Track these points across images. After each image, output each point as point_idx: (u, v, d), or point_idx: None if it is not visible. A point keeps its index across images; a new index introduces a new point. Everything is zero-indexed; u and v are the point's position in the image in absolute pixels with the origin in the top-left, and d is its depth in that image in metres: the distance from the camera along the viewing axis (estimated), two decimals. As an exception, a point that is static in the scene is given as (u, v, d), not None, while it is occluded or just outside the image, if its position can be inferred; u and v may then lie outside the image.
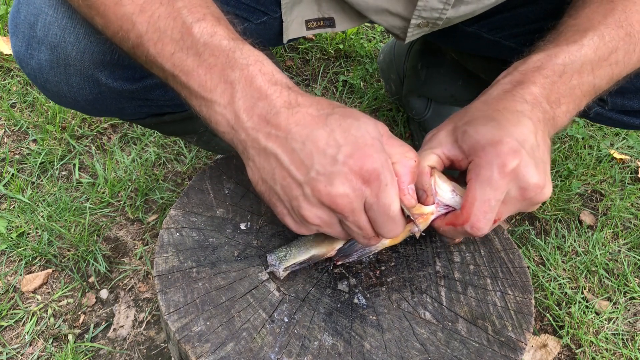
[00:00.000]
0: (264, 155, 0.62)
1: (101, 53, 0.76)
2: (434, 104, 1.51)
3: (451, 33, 1.05)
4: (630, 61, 0.76)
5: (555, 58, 0.73)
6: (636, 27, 0.76)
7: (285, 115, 0.61)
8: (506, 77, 0.75)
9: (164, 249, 0.75)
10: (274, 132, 0.61)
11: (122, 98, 0.85)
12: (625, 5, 0.76)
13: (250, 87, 0.62)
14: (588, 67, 0.73)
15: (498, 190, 0.65)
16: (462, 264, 0.78)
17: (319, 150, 0.60)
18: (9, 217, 1.34)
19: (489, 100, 0.72)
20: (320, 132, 0.60)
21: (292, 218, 0.65)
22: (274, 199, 0.65)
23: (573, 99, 0.73)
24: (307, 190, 0.61)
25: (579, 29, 0.75)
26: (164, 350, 1.17)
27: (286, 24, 0.91)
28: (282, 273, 0.73)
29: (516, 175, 0.65)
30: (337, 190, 0.60)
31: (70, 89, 0.81)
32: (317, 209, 0.62)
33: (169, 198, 1.40)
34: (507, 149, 0.65)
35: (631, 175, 1.59)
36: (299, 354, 0.67)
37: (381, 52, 1.66)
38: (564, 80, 0.72)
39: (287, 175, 0.61)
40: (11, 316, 1.20)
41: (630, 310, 1.32)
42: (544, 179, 0.66)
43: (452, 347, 0.69)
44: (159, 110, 0.95)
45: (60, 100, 0.85)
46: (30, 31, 0.76)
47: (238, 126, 0.63)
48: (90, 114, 0.95)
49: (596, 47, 0.73)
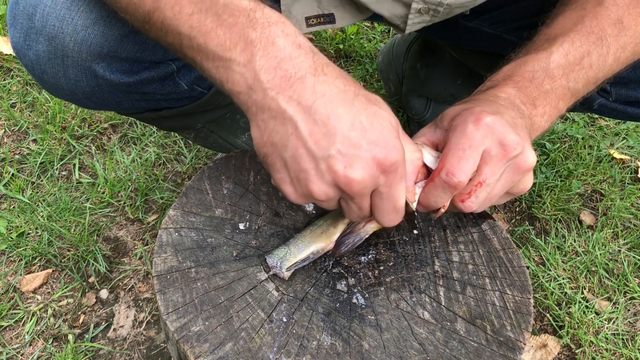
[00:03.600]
0: (281, 119, 0.60)
1: (99, 45, 0.76)
2: (434, 104, 1.51)
3: (452, 29, 1.05)
4: (605, 63, 0.78)
5: (524, 65, 0.75)
6: (608, 30, 0.78)
7: (311, 82, 0.59)
8: (480, 88, 0.78)
9: (162, 249, 0.75)
10: (296, 97, 0.59)
11: (119, 91, 0.85)
12: (596, 12, 0.78)
13: (273, 46, 0.60)
14: (559, 72, 0.75)
15: (473, 140, 0.66)
16: (461, 264, 0.78)
17: (343, 130, 0.58)
18: (9, 217, 1.34)
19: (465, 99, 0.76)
20: (347, 112, 0.59)
21: (294, 188, 0.63)
22: (278, 165, 0.63)
23: (548, 101, 0.75)
24: (323, 166, 0.59)
25: (549, 37, 0.78)
26: (164, 350, 1.17)
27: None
28: (285, 274, 0.73)
29: (491, 130, 0.66)
30: (356, 173, 0.59)
31: (67, 81, 0.81)
32: (327, 186, 0.61)
33: (169, 198, 1.40)
34: (480, 110, 0.67)
35: (631, 175, 1.59)
36: (297, 353, 0.67)
37: (380, 54, 1.66)
38: (536, 85, 0.74)
39: (303, 146, 0.59)
40: (11, 316, 1.20)
41: (630, 310, 1.32)
42: (523, 139, 0.67)
43: (451, 346, 0.69)
44: (156, 105, 0.95)
45: (57, 93, 0.86)
46: (29, 22, 0.77)
47: (256, 86, 0.60)
48: (88, 107, 0.95)
49: (566, 52, 0.76)
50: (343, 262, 0.77)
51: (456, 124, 0.68)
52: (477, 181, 0.67)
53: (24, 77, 1.68)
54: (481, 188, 0.68)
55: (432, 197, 0.69)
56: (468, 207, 0.69)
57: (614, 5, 0.79)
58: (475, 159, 0.66)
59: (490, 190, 0.68)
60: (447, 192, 0.68)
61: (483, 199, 0.69)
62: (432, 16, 0.89)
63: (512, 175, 0.69)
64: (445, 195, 0.69)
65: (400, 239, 0.80)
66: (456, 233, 0.81)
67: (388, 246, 0.79)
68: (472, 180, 0.68)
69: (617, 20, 0.78)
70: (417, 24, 0.91)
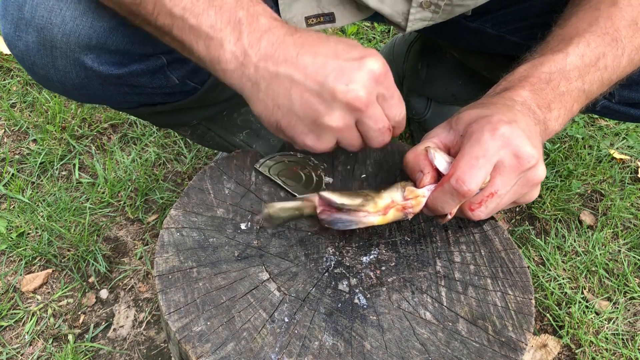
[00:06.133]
0: (277, 80, 0.65)
1: (87, 37, 0.77)
2: (434, 104, 1.51)
3: (454, 29, 1.05)
4: (619, 65, 0.78)
5: (541, 67, 0.75)
6: (622, 32, 0.78)
7: (290, 40, 0.65)
8: (495, 88, 0.77)
9: (164, 249, 0.75)
10: (282, 58, 0.64)
11: (109, 84, 0.85)
12: (610, 12, 0.78)
13: (256, 23, 0.66)
14: (575, 74, 0.75)
15: (488, 150, 0.66)
16: (463, 264, 0.78)
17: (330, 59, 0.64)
18: (9, 217, 1.34)
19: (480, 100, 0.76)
20: (328, 46, 0.65)
21: (314, 134, 0.67)
22: (293, 121, 0.67)
23: (563, 104, 0.75)
24: (327, 95, 0.64)
25: (564, 38, 0.78)
26: (164, 350, 1.17)
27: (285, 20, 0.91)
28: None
29: (507, 141, 0.66)
30: (358, 84, 0.64)
31: (57, 72, 0.82)
32: (339, 111, 0.65)
33: (169, 198, 1.40)
34: (498, 119, 0.67)
35: (631, 175, 1.59)
36: (299, 354, 0.67)
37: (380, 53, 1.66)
38: (552, 87, 0.74)
39: (304, 90, 0.64)
40: (11, 316, 1.20)
41: (630, 310, 1.32)
42: (538, 152, 0.67)
43: (453, 347, 0.69)
44: (149, 100, 0.95)
45: (48, 84, 0.86)
46: (19, 13, 0.77)
47: (247, 61, 0.65)
48: (80, 100, 0.96)
49: (582, 53, 0.76)
50: (345, 262, 0.77)
51: (472, 130, 0.68)
52: (489, 192, 0.68)
53: (24, 77, 1.67)
54: (492, 199, 0.68)
55: (440, 202, 0.69)
56: (477, 216, 0.69)
57: (628, 6, 0.78)
58: (488, 168, 0.66)
59: (500, 201, 0.69)
60: (455, 199, 0.68)
61: (492, 209, 0.69)
62: (434, 12, 0.89)
63: (522, 188, 0.69)
64: (453, 202, 0.69)
65: (402, 239, 0.80)
66: (458, 233, 0.81)
67: (390, 246, 0.79)
68: (483, 190, 0.68)
69: (632, 21, 0.78)
70: (418, 20, 0.91)
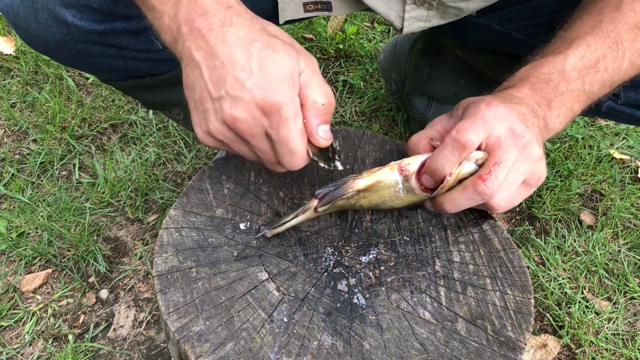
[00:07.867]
0: (192, 65, 0.67)
1: None
2: (436, 104, 1.51)
3: (460, 25, 1.05)
4: (620, 67, 0.79)
5: (541, 68, 0.77)
6: (624, 35, 0.79)
7: (216, 32, 0.66)
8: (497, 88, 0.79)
9: (163, 249, 0.75)
10: (203, 46, 0.66)
11: (91, 42, 0.86)
12: (613, 16, 0.80)
13: (196, 3, 0.67)
14: (574, 74, 0.77)
15: (485, 117, 0.69)
16: (462, 264, 0.78)
17: (233, 72, 0.64)
18: (9, 217, 1.34)
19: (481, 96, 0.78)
20: (240, 57, 0.64)
21: (201, 127, 0.69)
22: (192, 107, 0.70)
23: (564, 103, 0.76)
24: (217, 105, 0.65)
25: (565, 40, 0.80)
26: (164, 350, 1.17)
27: (282, 4, 0.93)
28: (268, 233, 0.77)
29: (502, 115, 0.69)
30: (238, 114, 0.64)
31: (38, 26, 0.83)
32: (222, 126, 0.66)
33: (169, 198, 1.40)
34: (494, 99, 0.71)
35: (631, 175, 1.59)
36: (298, 353, 0.67)
37: (381, 52, 1.66)
38: (552, 87, 0.76)
39: (205, 88, 0.66)
40: (11, 316, 1.20)
41: (630, 310, 1.32)
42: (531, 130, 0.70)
43: (452, 346, 0.69)
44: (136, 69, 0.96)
45: (31, 41, 0.87)
46: None
47: (179, 37, 0.67)
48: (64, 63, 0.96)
49: (582, 55, 0.77)
50: (344, 262, 0.77)
51: (469, 106, 0.72)
52: (494, 161, 0.69)
53: (24, 77, 1.68)
54: (499, 167, 0.69)
55: (441, 158, 0.71)
56: (490, 188, 0.69)
57: (631, 11, 0.80)
58: (485, 129, 0.69)
59: (508, 173, 0.69)
60: (455, 152, 0.70)
61: (502, 179, 0.69)
62: (428, 9, 0.90)
63: (525, 164, 0.70)
64: (453, 157, 0.70)
65: (401, 239, 0.80)
66: (457, 233, 0.81)
67: (389, 246, 0.79)
68: (487, 161, 0.70)
69: (634, 25, 0.80)
70: (414, 19, 0.91)
